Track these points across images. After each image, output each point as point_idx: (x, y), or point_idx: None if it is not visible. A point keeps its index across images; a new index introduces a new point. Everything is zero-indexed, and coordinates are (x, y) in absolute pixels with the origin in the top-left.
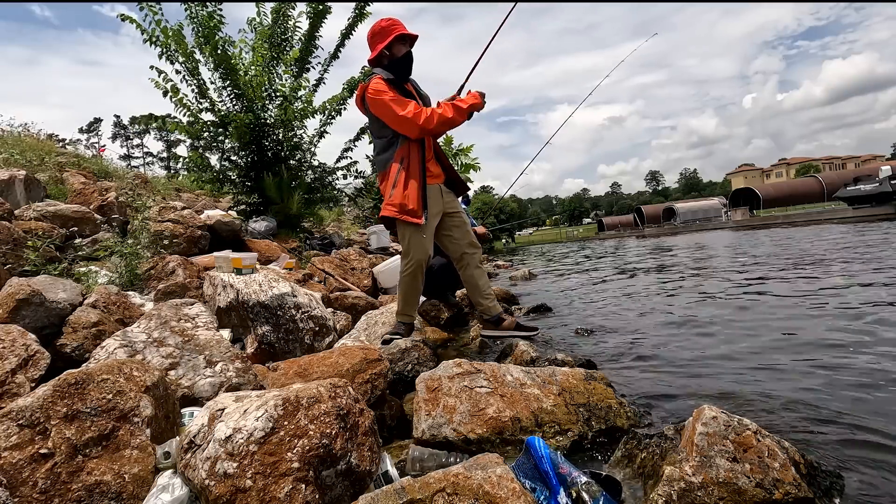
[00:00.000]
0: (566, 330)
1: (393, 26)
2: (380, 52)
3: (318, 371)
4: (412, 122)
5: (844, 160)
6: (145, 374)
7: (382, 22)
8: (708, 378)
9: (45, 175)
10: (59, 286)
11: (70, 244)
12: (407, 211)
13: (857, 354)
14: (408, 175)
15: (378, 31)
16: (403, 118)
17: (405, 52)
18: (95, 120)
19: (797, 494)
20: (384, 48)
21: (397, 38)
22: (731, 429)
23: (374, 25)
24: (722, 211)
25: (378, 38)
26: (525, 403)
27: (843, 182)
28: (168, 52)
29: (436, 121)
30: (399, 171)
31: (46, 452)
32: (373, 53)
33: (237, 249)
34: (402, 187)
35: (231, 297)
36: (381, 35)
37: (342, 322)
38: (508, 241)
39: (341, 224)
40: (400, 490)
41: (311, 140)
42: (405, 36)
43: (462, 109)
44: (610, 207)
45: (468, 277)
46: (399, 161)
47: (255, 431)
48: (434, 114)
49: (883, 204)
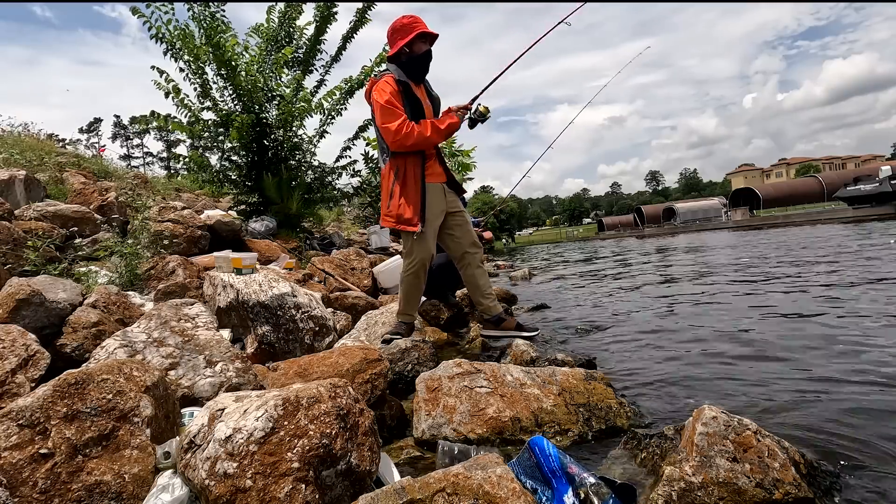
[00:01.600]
0: (566, 330)
1: (415, 24)
2: (399, 49)
3: (318, 371)
4: (391, 135)
5: (844, 160)
6: (145, 374)
7: (404, 19)
8: (708, 378)
9: (45, 175)
10: (59, 286)
11: (70, 244)
12: (403, 220)
13: (858, 355)
14: (403, 184)
15: (399, 28)
16: (385, 128)
17: (425, 51)
18: (95, 120)
19: (797, 494)
20: (404, 45)
21: (418, 35)
22: (731, 429)
23: (395, 22)
24: (722, 211)
25: (399, 34)
26: (525, 403)
27: (843, 182)
28: (173, 49)
29: (413, 140)
30: (394, 182)
31: (46, 452)
32: (392, 50)
33: (237, 249)
34: (398, 197)
35: (231, 297)
36: (402, 32)
37: (342, 322)
38: (508, 240)
39: (341, 224)
40: (400, 490)
41: (311, 140)
42: (426, 34)
43: (440, 130)
44: (610, 207)
45: (469, 277)
46: (394, 171)
47: (255, 431)
48: (414, 131)
49: (883, 204)
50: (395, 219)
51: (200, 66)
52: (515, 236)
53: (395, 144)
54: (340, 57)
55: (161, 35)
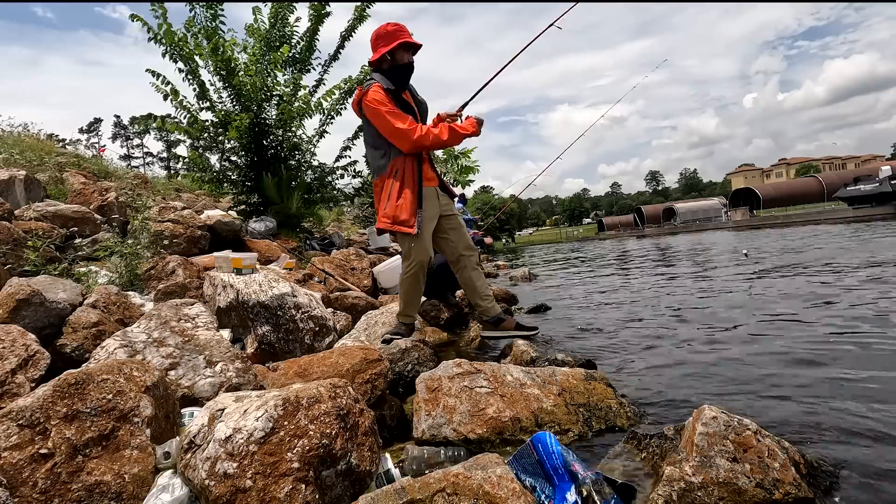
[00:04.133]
0: (566, 330)
1: (399, 32)
2: (381, 56)
3: (318, 371)
4: (407, 137)
5: (844, 160)
6: (145, 375)
7: (388, 26)
8: (708, 378)
9: (45, 175)
10: (59, 286)
11: (70, 244)
12: (399, 222)
13: (859, 355)
14: (402, 186)
15: (383, 35)
16: (399, 131)
17: (408, 61)
18: (95, 120)
19: (797, 494)
20: (387, 52)
21: (401, 45)
22: (731, 429)
23: (379, 28)
24: (722, 211)
25: (382, 41)
26: (525, 403)
27: (843, 182)
28: (171, 51)
29: (430, 140)
30: (393, 184)
31: (46, 452)
32: (374, 55)
33: (237, 249)
34: (396, 198)
35: (231, 297)
36: (385, 38)
37: (342, 322)
38: (509, 240)
39: (341, 224)
40: (400, 490)
41: (310, 140)
42: (409, 44)
43: (458, 134)
44: (610, 207)
45: (465, 279)
46: (392, 174)
47: (255, 431)
48: (430, 133)
49: (883, 204)
50: (391, 220)
51: (196, 69)
52: (515, 236)
53: (411, 145)
54: (339, 56)
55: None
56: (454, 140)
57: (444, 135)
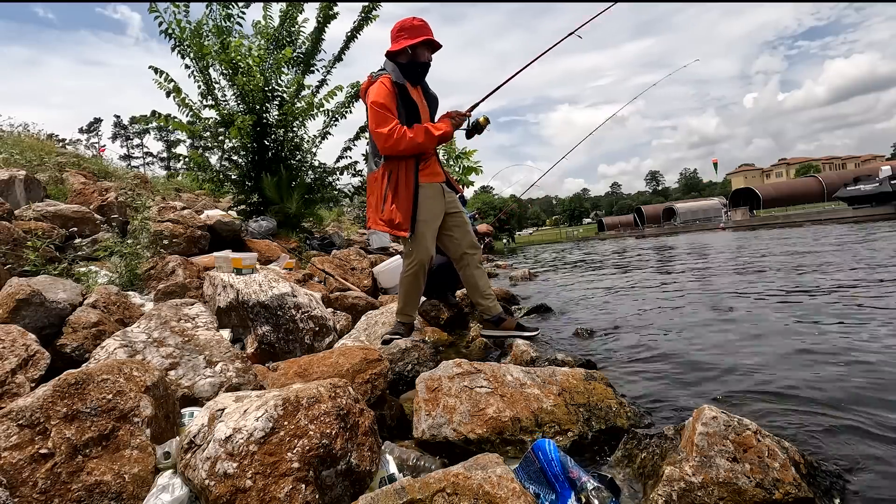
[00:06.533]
0: (566, 330)
1: (424, 28)
2: (402, 49)
3: (318, 371)
4: (382, 139)
5: (844, 160)
6: (145, 374)
7: (415, 20)
8: (708, 378)
9: (45, 175)
10: (59, 286)
11: (70, 244)
12: (395, 225)
13: (860, 355)
14: (395, 188)
15: (408, 28)
16: (378, 133)
17: (427, 59)
18: (96, 120)
19: (797, 494)
20: (409, 46)
21: (425, 41)
22: (731, 429)
23: (405, 20)
24: (722, 211)
25: (406, 33)
26: (525, 403)
27: (843, 182)
28: (181, 46)
29: (404, 145)
30: (386, 187)
31: (46, 452)
32: (394, 46)
33: (237, 249)
34: (390, 202)
35: (231, 297)
36: (410, 32)
37: (342, 322)
38: (509, 240)
39: (341, 224)
40: (400, 490)
41: (312, 140)
42: (432, 42)
43: (434, 137)
44: (610, 207)
45: (468, 277)
46: (386, 176)
47: (255, 431)
48: (405, 136)
49: (883, 204)
50: (388, 223)
51: (206, 65)
52: (515, 236)
53: (387, 149)
54: (343, 56)
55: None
56: (430, 141)
57: (420, 137)
